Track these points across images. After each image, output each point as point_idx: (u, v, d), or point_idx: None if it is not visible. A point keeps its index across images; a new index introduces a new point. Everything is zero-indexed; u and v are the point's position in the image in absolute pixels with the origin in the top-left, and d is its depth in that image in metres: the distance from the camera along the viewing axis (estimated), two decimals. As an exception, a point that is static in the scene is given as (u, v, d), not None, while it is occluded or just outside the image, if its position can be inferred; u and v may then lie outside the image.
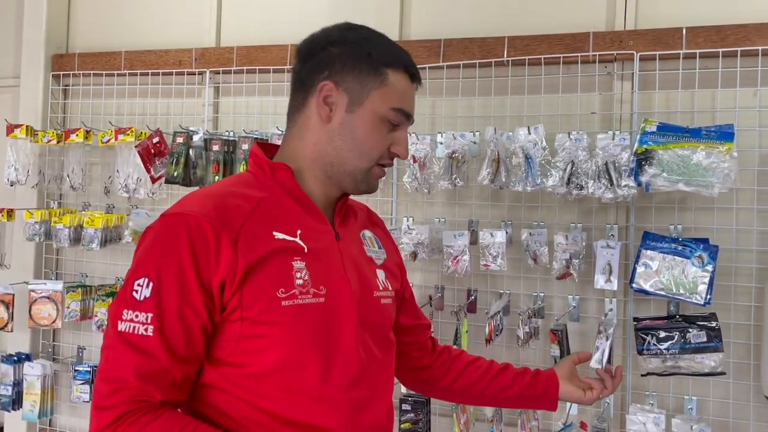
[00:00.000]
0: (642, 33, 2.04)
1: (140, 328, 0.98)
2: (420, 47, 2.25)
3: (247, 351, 1.03)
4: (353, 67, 1.13)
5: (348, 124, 1.13)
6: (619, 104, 2.09)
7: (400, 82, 1.15)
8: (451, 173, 2.06)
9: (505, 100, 2.18)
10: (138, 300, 0.99)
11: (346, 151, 1.13)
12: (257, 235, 1.05)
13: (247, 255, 1.02)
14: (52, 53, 2.76)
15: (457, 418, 1.99)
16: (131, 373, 0.97)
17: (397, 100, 1.14)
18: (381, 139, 1.14)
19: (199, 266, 1.00)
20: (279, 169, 1.13)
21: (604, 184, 1.89)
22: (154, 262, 1.01)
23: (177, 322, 0.99)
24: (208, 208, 1.04)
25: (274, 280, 1.04)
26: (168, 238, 1.02)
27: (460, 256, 2.05)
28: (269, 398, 1.04)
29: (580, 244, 1.97)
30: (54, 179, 2.66)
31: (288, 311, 1.03)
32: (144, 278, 1.00)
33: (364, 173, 1.15)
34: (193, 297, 1.00)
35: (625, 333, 2.03)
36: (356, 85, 1.12)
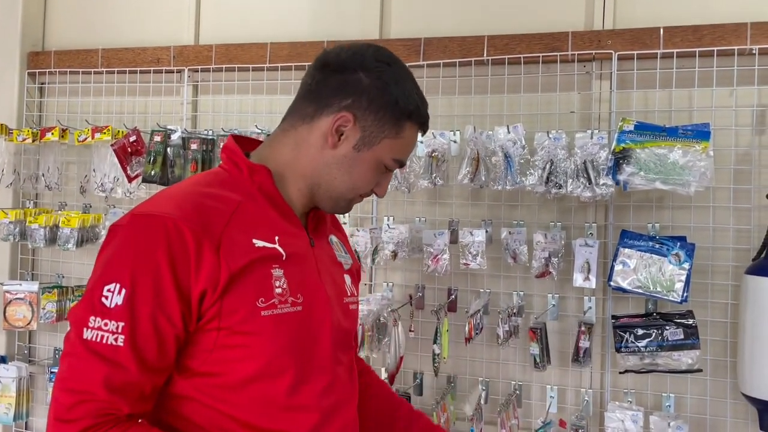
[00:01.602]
0: (620, 33, 2.05)
1: (110, 338, 0.92)
2: (400, 46, 2.24)
3: (221, 360, 1.00)
4: (378, 110, 1.10)
5: (350, 159, 1.11)
6: (597, 103, 2.10)
7: (412, 136, 1.15)
8: (431, 172, 2.06)
9: (485, 99, 2.18)
10: (108, 307, 0.93)
11: (338, 182, 1.12)
12: (238, 241, 1.01)
13: (230, 263, 0.98)
14: (28, 50, 2.72)
15: (437, 416, 1.99)
16: (99, 385, 0.92)
17: (402, 152, 1.15)
18: (373, 180, 1.15)
19: (178, 274, 0.95)
20: (258, 171, 1.09)
21: (583, 183, 1.90)
22: (127, 267, 0.95)
23: (151, 333, 0.94)
24: (187, 211, 0.98)
25: (254, 289, 1.01)
26: (143, 241, 0.96)
27: (440, 255, 2.04)
28: (243, 407, 1.01)
29: (559, 242, 1.98)
30: (29, 178, 2.62)
31: (267, 321, 1.01)
32: (115, 284, 0.94)
33: (347, 202, 1.16)
34: (169, 306, 0.95)
35: (603, 331, 2.04)
36: (373, 128, 1.10)
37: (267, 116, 2.42)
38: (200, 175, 1.14)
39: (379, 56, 1.12)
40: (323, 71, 1.12)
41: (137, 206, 1.04)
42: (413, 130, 1.15)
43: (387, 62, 1.12)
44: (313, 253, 1.14)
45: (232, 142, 1.14)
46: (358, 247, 2.10)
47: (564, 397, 2.09)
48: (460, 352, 2.16)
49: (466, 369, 2.18)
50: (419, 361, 2.20)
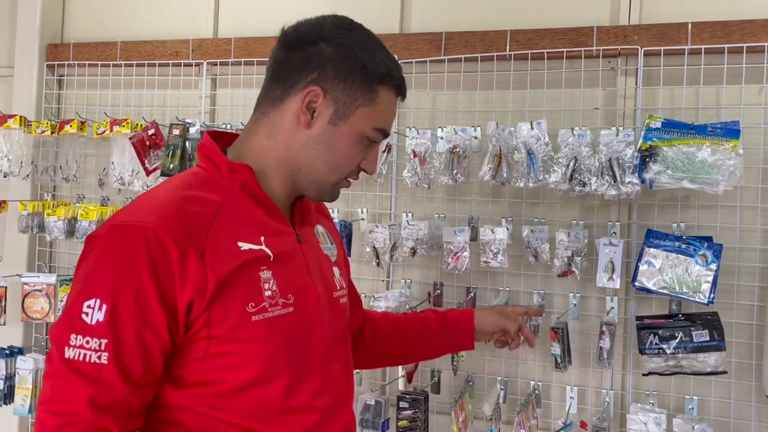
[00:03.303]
0: (646, 28, 2.01)
1: (92, 356, 0.88)
2: (421, 41, 2.22)
3: (213, 369, 0.97)
4: (346, 78, 1.04)
5: (328, 136, 1.06)
6: (622, 100, 2.06)
7: (389, 101, 1.09)
8: (451, 168, 2.03)
9: (507, 95, 2.15)
10: (89, 324, 0.89)
11: (319, 162, 1.07)
12: (223, 246, 0.96)
13: (217, 271, 0.94)
14: (47, 43, 2.72)
15: (455, 416, 1.97)
16: (84, 405, 0.88)
17: (382, 120, 1.09)
18: (356, 155, 1.09)
19: (162, 285, 0.91)
20: (240, 170, 1.04)
21: (608, 181, 1.86)
22: (106, 281, 0.90)
23: (136, 348, 0.90)
24: (168, 219, 0.93)
25: (244, 294, 0.97)
26: (122, 253, 0.91)
27: (460, 253, 2.02)
28: (239, 414, 0.99)
29: (582, 241, 1.94)
30: (48, 171, 2.62)
31: (259, 326, 0.97)
32: (95, 299, 0.89)
33: (331, 186, 1.11)
34: (154, 319, 0.91)
35: (626, 331, 2.01)
36: (345, 98, 1.05)
37: (286, 110, 2.40)
38: (178, 176, 1.08)
39: (338, 23, 1.08)
40: (284, 50, 1.08)
41: (114, 215, 0.99)
42: (389, 93, 1.09)
43: (348, 28, 1.08)
44: (301, 250, 1.10)
45: (209, 140, 1.08)
46: (376, 243, 2.08)
47: (584, 398, 2.07)
48: (479, 350, 2.13)
49: (484, 368, 2.16)
50: (437, 360, 2.17)
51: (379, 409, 2.03)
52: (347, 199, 2.32)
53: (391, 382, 2.20)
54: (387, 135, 1.13)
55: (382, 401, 2.05)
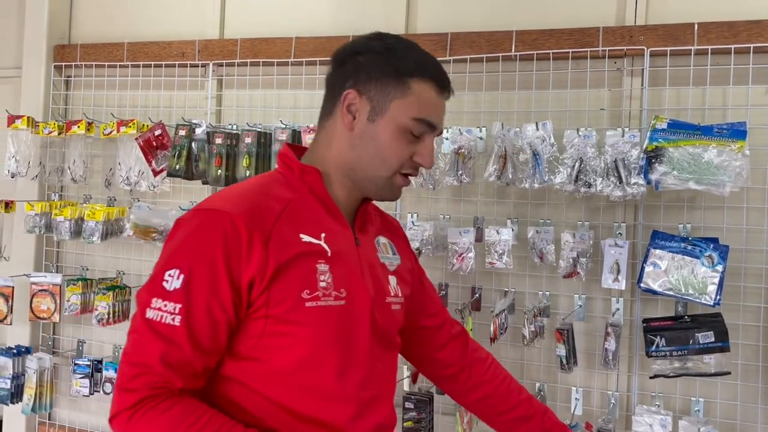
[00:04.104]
0: (653, 28, 2.00)
1: (167, 318, 1.01)
2: (426, 41, 2.21)
3: (268, 347, 1.07)
4: (377, 76, 1.14)
5: (369, 132, 1.15)
6: (628, 101, 2.05)
7: (425, 92, 1.15)
8: (457, 169, 2.03)
9: (512, 96, 2.15)
10: (168, 290, 1.02)
11: (367, 159, 1.16)
12: (286, 236, 1.08)
13: (278, 255, 1.05)
14: (54, 44, 2.74)
15: (460, 417, 1.97)
16: (156, 360, 1.00)
17: (419, 110, 1.14)
18: (401, 148, 1.15)
19: (231, 264, 1.03)
20: (309, 172, 1.16)
21: (613, 182, 1.86)
22: (187, 256, 1.04)
23: (204, 316, 1.02)
24: (243, 208, 1.07)
25: (300, 281, 1.07)
26: (203, 233, 1.05)
27: (465, 254, 2.02)
28: (285, 393, 1.07)
29: (588, 242, 1.94)
30: (55, 171, 2.64)
31: (311, 312, 1.07)
32: (176, 269, 1.03)
33: (385, 181, 1.17)
34: (222, 293, 1.03)
35: (631, 333, 2.00)
36: (378, 94, 1.14)
37: (291, 111, 2.41)
38: (258, 176, 1.23)
39: (371, 36, 1.20)
40: (331, 69, 1.21)
41: (203, 201, 1.13)
42: (423, 86, 1.15)
43: (378, 37, 1.19)
44: (358, 252, 1.18)
45: (287, 149, 1.22)
46: (381, 244, 2.08)
47: (589, 399, 2.06)
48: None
49: (489, 369, 2.15)
50: (442, 360, 2.18)
51: (383, 410, 2.03)
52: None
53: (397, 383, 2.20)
54: (433, 127, 1.17)
55: (386, 402, 2.05)
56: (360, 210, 1.23)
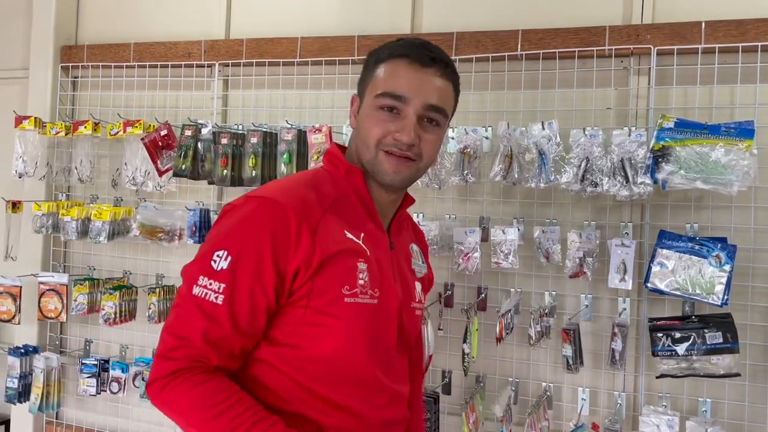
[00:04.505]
0: (659, 27, 1.99)
1: (212, 296, 1.06)
2: (432, 41, 2.18)
3: (304, 335, 1.11)
4: (363, 74, 1.25)
5: (357, 123, 1.24)
6: (635, 100, 2.04)
7: (390, 68, 1.19)
8: (462, 169, 2.03)
9: (518, 95, 2.14)
10: (215, 269, 1.06)
11: (359, 148, 1.22)
12: (332, 230, 1.12)
13: (324, 248, 1.09)
14: (61, 45, 2.75)
15: (466, 417, 1.96)
16: (198, 335, 1.05)
17: (382, 85, 1.18)
18: (375, 125, 1.18)
19: (278, 251, 1.07)
20: (355, 173, 1.21)
21: (620, 182, 1.85)
22: (236, 238, 1.08)
23: (246, 298, 1.06)
24: (294, 199, 1.11)
25: (342, 276, 1.11)
26: (254, 219, 1.08)
27: (471, 253, 2.01)
28: (315, 379, 1.12)
29: (594, 242, 1.93)
30: (62, 171, 2.65)
31: (349, 308, 1.11)
32: (224, 251, 1.07)
33: (373, 163, 1.20)
34: (265, 278, 1.06)
35: (638, 333, 1.99)
36: (361, 88, 1.25)
37: (297, 111, 2.41)
38: (305, 173, 1.27)
39: (381, 45, 1.26)
40: None
41: (254, 190, 1.17)
42: (392, 63, 1.19)
43: (384, 44, 1.25)
44: (391, 256, 1.24)
45: (335, 148, 1.28)
46: (387, 243, 2.08)
47: (596, 399, 2.05)
48: (490, 351, 2.13)
49: (495, 369, 2.15)
50: (448, 360, 2.18)
51: (389, 410, 2.03)
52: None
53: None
54: (398, 97, 1.17)
55: (392, 402, 2.05)
56: (396, 215, 1.29)
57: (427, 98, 1.17)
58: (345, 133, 2.18)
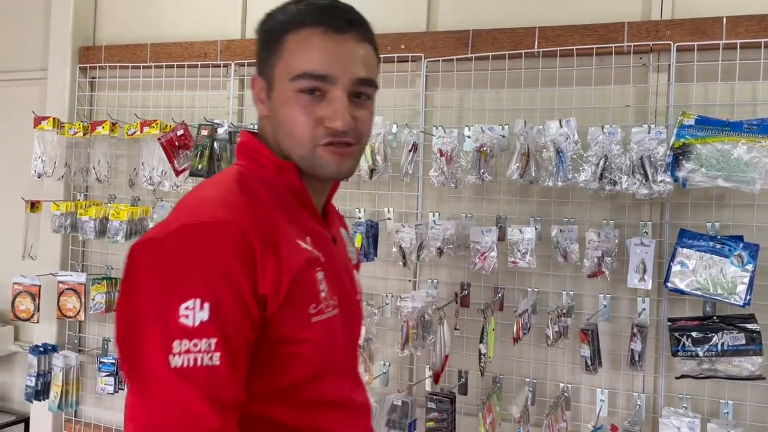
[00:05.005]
0: (679, 23, 1.96)
1: (203, 358, 0.83)
2: (448, 38, 2.20)
3: (273, 367, 0.94)
4: (261, 50, 1.01)
5: (272, 111, 1.00)
6: (654, 97, 2.01)
7: (301, 42, 0.97)
8: (479, 167, 2.01)
9: (535, 93, 2.12)
10: (192, 326, 0.83)
11: (286, 143, 0.99)
12: (289, 245, 0.94)
13: (288, 268, 0.92)
14: (79, 46, 2.77)
15: (483, 417, 1.95)
16: (207, 409, 0.82)
17: (295, 66, 0.96)
18: (298, 115, 0.96)
19: (251, 279, 0.88)
20: (288, 169, 1.00)
21: (639, 180, 1.82)
22: (200, 280, 0.85)
23: (242, 342, 0.87)
24: (243, 215, 0.91)
25: (307, 295, 0.95)
26: (210, 250, 0.86)
27: (487, 253, 2.00)
28: (286, 403, 0.97)
29: (613, 241, 1.91)
30: (80, 171, 2.67)
31: (317, 327, 0.96)
32: (194, 300, 0.83)
33: (311, 159, 0.98)
34: (252, 311, 0.88)
35: (658, 333, 1.96)
36: (266, 67, 1.00)
37: (312, 110, 2.40)
38: (223, 177, 1.01)
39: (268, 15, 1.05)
40: None
41: (175, 217, 0.91)
42: (299, 35, 0.97)
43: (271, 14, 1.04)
44: (336, 252, 1.08)
45: (253, 140, 1.04)
46: (403, 243, 2.07)
47: (615, 401, 2.03)
48: (507, 351, 2.11)
49: (512, 369, 2.13)
50: (464, 360, 2.16)
51: (406, 410, 2.02)
52: (373, 199, 2.31)
53: (418, 383, 2.19)
54: (321, 77, 0.96)
55: (409, 402, 2.04)
56: (327, 203, 1.11)
57: (355, 72, 0.97)
58: (360, 132, 2.17)
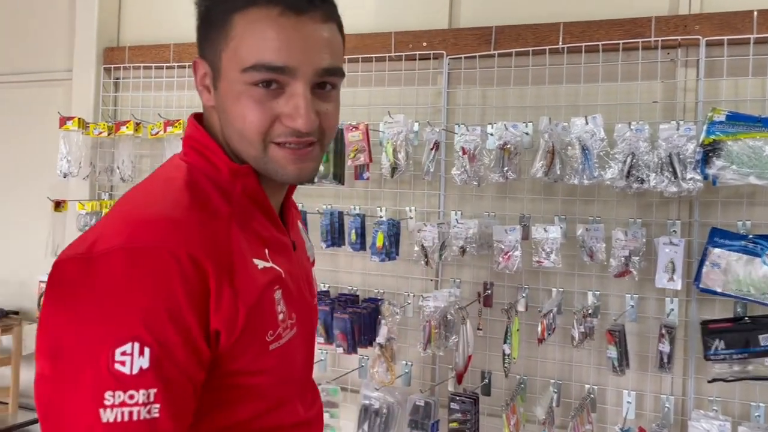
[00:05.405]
0: (708, 17, 1.91)
1: (141, 412, 0.70)
2: (470, 35, 2.18)
3: (224, 401, 0.82)
4: (205, 29, 0.85)
5: (220, 103, 0.85)
6: (682, 92, 1.97)
7: (253, 25, 0.80)
8: (502, 165, 1.99)
9: (559, 89, 2.09)
10: (129, 374, 0.69)
11: (234, 140, 0.85)
12: (245, 267, 0.81)
13: (245, 297, 0.79)
14: (104, 47, 2.80)
15: (507, 418, 1.92)
16: None
17: (248, 54, 0.80)
18: (250, 110, 0.81)
19: (199, 311, 0.74)
20: (245, 174, 0.85)
21: (668, 177, 1.78)
22: (139, 319, 0.71)
23: (188, 388, 0.75)
24: (195, 236, 0.76)
25: (264, 322, 0.83)
26: (150, 282, 0.72)
27: (511, 252, 1.97)
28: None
29: (640, 240, 1.87)
30: (105, 171, 2.70)
31: (275, 355, 0.84)
32: (132, 343, 0.70)
33: (263, 161, 0.84)
34: (201, 352, 0.75)
35: (686, 334, 1.92)
36: (211, 52, 0.84)
37: (334, 109, 2.39)
38: (168, 178, 0.86)
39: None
40: None
41: (118, 229, 0.75)
42: (252, 15, 0.80)
43: None
44: (296, 259, 0.95)
45: (203, 135, 0.88)
46: (425, 242, 2.05)
47: (642, 403, 1.99)
48: (531, 352, 2.08)
49: (537, 370, 2.10)
50: (487, 361, 2.14)
51: (428, 411, 2.01)
52: (395, 197, 2.30)
53: (441, 383, 2.17)
54: (278, 69, 0.80)
55: (431, 402, 2.02)
56: (286, 205, 0.97)
57: (318, 61, 0.82)
58: (382, 131, 2.16)
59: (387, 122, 2.15)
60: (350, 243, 2.20)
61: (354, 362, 2.28)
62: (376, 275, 2.32)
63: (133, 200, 0.83)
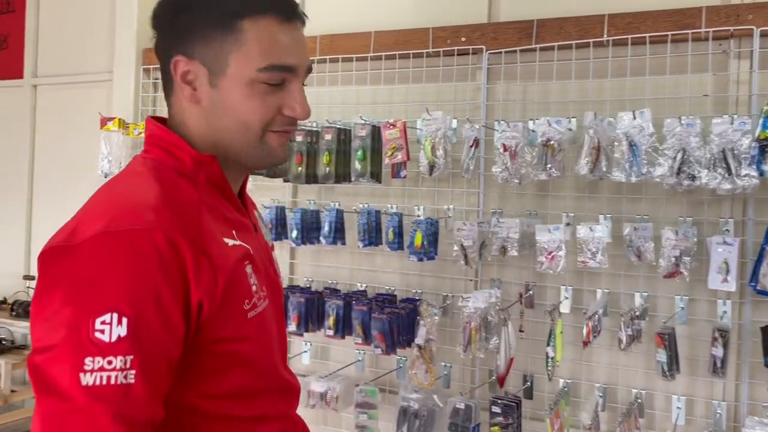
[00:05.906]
0: (762, 6, 1.83)
1: (119, 377, 0.78)
2: (510, 29, 2.12)
3: (213, 371, 0.92)
4: (202, 30, 0.93)
5: (217, 100, 0.95)
6: (735, 85, 1.89)
7: (265, 31, 0.93)
8: (545, 162, 1.93)
9: (603, 84, 2.02)
10: (107, 342, 0.78)
11: (230, 132, 0.96)
12: (216, 244, 0.90)
13: (222, 269, 0.89)
14: (143, 48, 2.82)
15: (550, 423, 1.87)
16: (118, 430, 0.78)
17: (265, 56, 0.92)
18: (259, 104, 0.94)
19: (179, 291, 0.84)
20: (208, 162, 0.95)
21: (721, 174, 1.71)
22: (120, 292, 0.80)
23: (162, 360, 0.83)
24: (169, 218, 0.86)
25: (241, 292, 0.93)
26: (131, 260, 0.81)
27: (555, 252, 1.91)
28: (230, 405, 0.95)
29: (692, 240, 1.79)
30: (144, 171, 2.72)
31: (254, 323, 0.94)
32: (111, 313, 0.78)
33: (258, 147, 0.97)
34: (176, 327, 0.84)
35: (740, 338, 1.84)
36: (209, 53, 0.93)
37: (370, 107, 2.37)
38: (135, 174, 0.97)
39: None
40: (156, 35, 1.01)
41: (95, 218, 0.84)
42: (260, 24, 0.92)
43: None
44: (258, 240, 1.05)
45: (166, 132, 0.98)
46: (464, 241, 2.01)
47: (692, 408, 1.91)
48: (576, 355, 2.02)
49: (581, 374, 2.04)
50: (530, 363, 2.08)
51: (469, 414, 1.97)
52: (433, 196, 2.26)
53: (481, 386, 2.12)
54: (290, 69, 0.95)
55: (472, 405, 1.98)
56: (244, 190, 1.08)
57: (307, 61, 0.99)
58: (419, 128, 2.12)
59: (425, 119, 2.11)
60: (387, 242, 2.17)
61: (392, 363, 2.25)
62: (414, 275, 2.29)
63: (105, 194, 0.92)
